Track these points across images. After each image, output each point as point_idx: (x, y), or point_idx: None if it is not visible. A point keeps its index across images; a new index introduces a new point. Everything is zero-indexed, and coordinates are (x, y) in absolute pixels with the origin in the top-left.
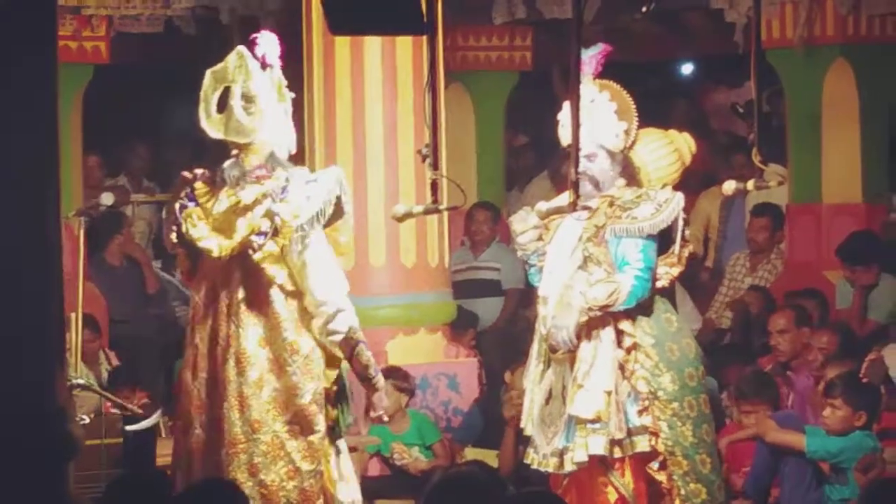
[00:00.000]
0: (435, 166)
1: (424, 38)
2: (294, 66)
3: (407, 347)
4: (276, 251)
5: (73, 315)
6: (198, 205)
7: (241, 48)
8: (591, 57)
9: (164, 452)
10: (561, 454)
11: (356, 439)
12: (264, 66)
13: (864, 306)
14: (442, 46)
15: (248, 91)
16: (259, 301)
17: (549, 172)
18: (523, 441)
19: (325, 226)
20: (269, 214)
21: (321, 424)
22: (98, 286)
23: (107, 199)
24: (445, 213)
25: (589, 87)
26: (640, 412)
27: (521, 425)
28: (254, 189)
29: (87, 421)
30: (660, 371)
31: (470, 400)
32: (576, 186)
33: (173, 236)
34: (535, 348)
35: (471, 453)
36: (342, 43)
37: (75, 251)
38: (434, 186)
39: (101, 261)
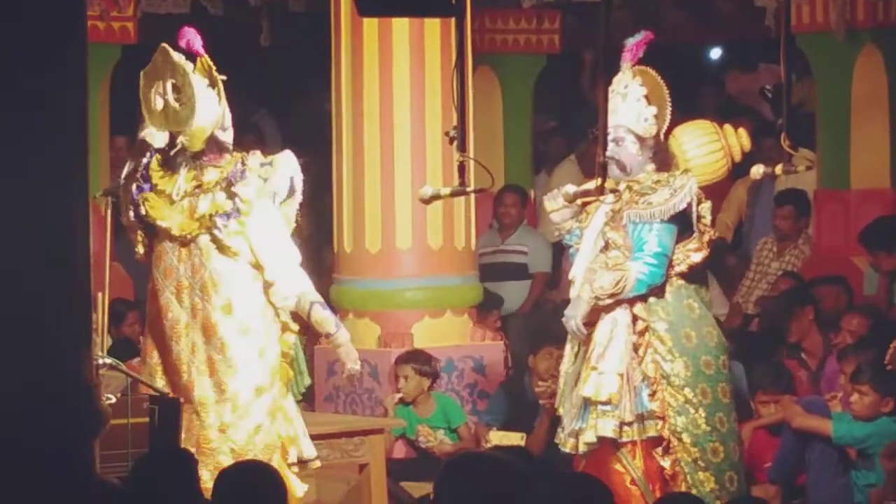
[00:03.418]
0: (462, 149)
1: (452, 20)
2: (322, 49)
3: (433, 330)
4: (239, 228)
5: (100, 295)
6: (152, 188)
7: (163, 45)
8: (633, 44)
9: None
10: (577, 435)
11: (382, 421)
12: (192, 57)
13: (890, 292)
14: (470, 29)
15: (177, 82)
16: (221, 273)
17: (576, 155)
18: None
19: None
20: (232, 195)
21: (278, 384)
22: (123, 266)
23: None
24: (472, 196)
25: (625, 74)
26: (650, 396)
27: (556, 406)
28: (214, 172)
29: (114, 400)
30: (672, 356)
31: (496, 383)
32: (604, 170)
33: (131, 215)
34: None
35: (496, 436)
36: (370, 25)
37: (102, 231)
38: (461, 169)
39: (125, 241)
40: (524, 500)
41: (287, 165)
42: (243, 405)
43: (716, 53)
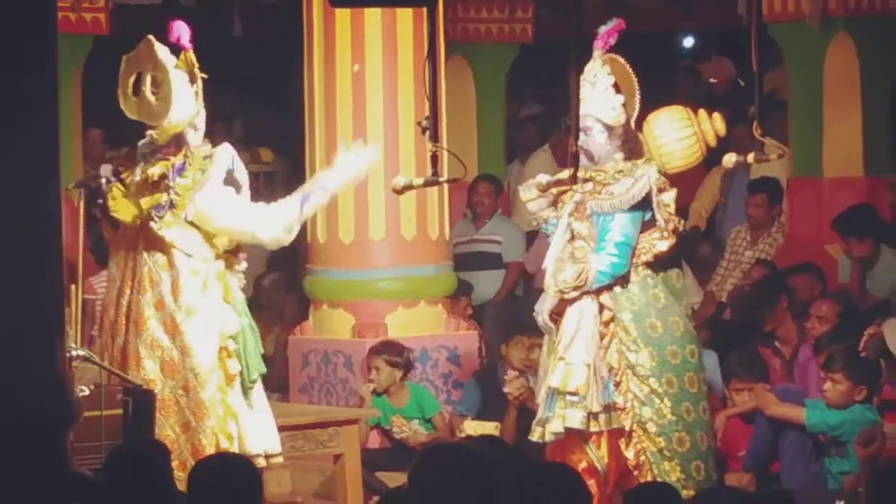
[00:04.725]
0: (435, 138)
1: (424, 10)
2: (294, 39)
3: (407, 320)
4: (175, 220)
5: (73, 287)
6: (120, 180)
7: (150, 37)
8: (604, 32)
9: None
10: (543, 424)
11: (357, 411)
12: (178, 50)
13: (862, 279)
14: (442, 18)
15: (157, 77)
16: (159, 266)
17: (550, 145)
18: (525, 417)
19: None
20: (166, 188)
21: (213, 382)
22: (95, 259)
23: (106, 171)
24: (446, 186)
25: (595, 62)
26: (616, 386)
27: (536, 396)
28: (160, 165)
29: (87, 392)
30: (637, 346)
31: (470, 373)
32: (576, 159)
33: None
34: None
35: (470, 426)
36: (342, 16)
37: (75, 223)
38: (434, 159)
39: (97, 233)
40: (498, 490)
41: (225, 157)
42: (170, 402)
43: (689, 40)
